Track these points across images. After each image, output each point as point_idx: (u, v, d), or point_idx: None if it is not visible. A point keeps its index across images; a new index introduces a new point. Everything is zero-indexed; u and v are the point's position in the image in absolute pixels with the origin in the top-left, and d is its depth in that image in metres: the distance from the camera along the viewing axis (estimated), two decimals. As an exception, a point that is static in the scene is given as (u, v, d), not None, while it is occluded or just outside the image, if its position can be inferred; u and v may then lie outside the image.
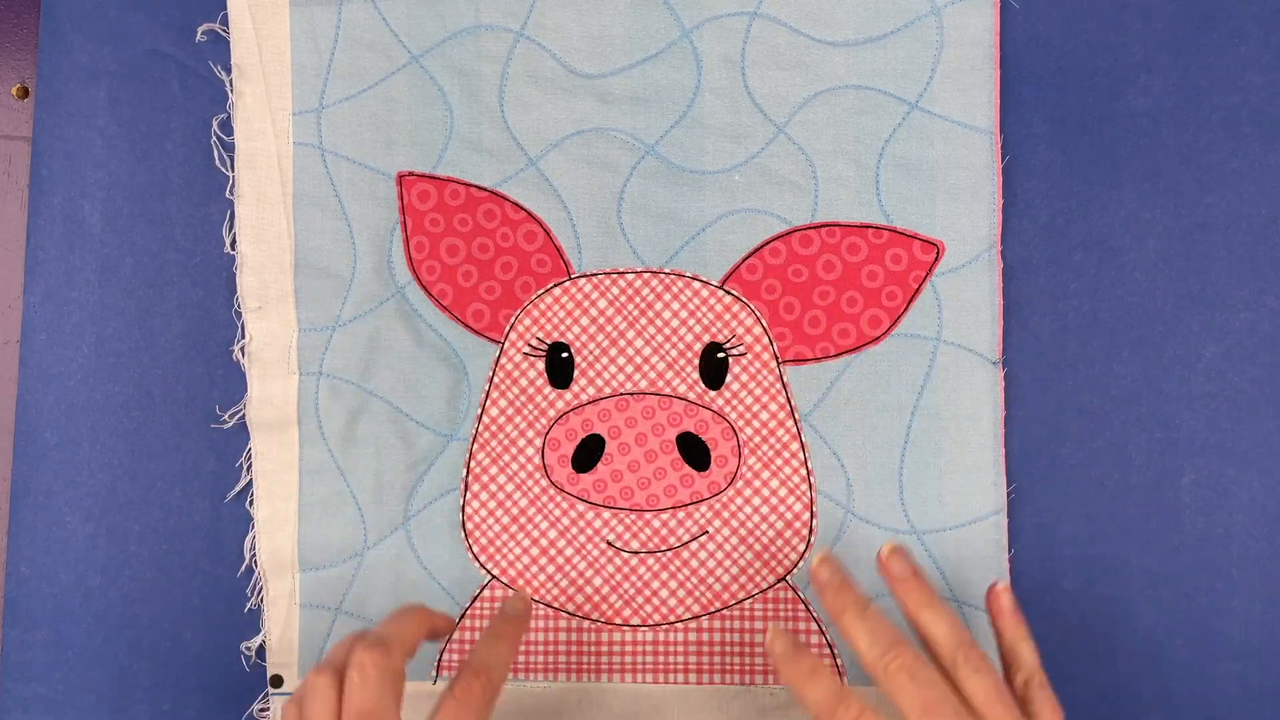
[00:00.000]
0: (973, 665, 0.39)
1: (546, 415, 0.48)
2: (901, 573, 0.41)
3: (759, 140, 0.48)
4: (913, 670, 0.38)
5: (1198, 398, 0.47)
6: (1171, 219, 0.48)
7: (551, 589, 0.48)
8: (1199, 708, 0.47)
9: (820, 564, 0.42)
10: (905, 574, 0.41)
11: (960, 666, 0.39)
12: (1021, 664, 0.41)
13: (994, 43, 0.47)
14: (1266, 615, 0.47)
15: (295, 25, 0.49)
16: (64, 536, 0.49)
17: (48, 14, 0.50)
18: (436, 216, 0.48)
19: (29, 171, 0.50)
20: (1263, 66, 0.48)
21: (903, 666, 0.38)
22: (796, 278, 0.47)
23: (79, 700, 0.49)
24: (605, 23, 0.48)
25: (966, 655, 0.39)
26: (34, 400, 0.49)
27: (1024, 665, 0.41)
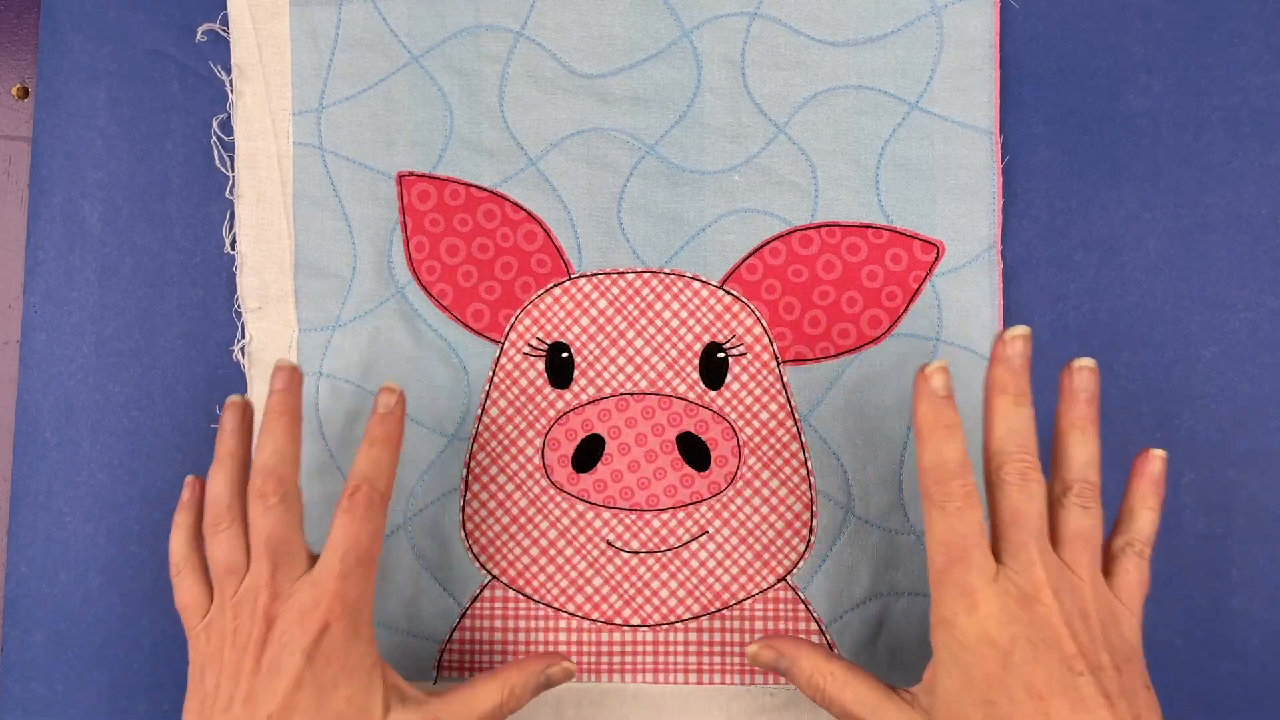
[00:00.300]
0: (1082, 501, 0.38)
1: (546, 415, 0.48)
2: (1083, 390, 0.39)
3: (759, 140, 0.48)
4: (1024, 478, 0.37)
5: (1198, 398, 0.47)
6: (1171, 219, 0.48)
7: (551, 589, 0.48)
8: (1199, 708, 0.47)
9: (1018, 338, 0.39)
10: (1085, 393, 0.39)
11: (1070, 497, 0.38)
12: (1133, 529, 0.40)
13: (994, 43, 0.47)
14: (1266, 615, 0.47)
15: (295, 25, 0.49)
16: (64, 536, 0.49)
17: (48, 14, 0.50)
18: (436, 216, 0.48)
19: (29, 171, 0.50)
20: (1263, 66, 0.48)
21: (1018, 471, 0.37)
22: (796, 278, 0.47)
23: (79, 700, 0.49)
24: (605, 23, 0.48)
25: (1082, 490, 0.38)
26: (34, 400, 0.49)
27: (1135, 530, 0.40)
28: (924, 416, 0.38)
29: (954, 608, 0.37)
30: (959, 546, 0.37)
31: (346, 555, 0.39)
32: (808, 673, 0.40)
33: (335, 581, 0.39)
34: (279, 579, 0.39)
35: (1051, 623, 0.36)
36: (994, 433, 0.38)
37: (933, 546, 0.38)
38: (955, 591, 0.37)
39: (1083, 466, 0.39)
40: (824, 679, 0.40)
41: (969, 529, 0.37)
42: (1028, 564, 0.37)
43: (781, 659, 0.41)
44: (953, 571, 0.37)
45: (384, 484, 0.41)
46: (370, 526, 0.40)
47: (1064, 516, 0.38)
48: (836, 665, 0.40)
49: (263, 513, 0.40)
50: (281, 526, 0.40)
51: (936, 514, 0.37)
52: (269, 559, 0.39)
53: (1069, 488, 0.38)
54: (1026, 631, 0.36)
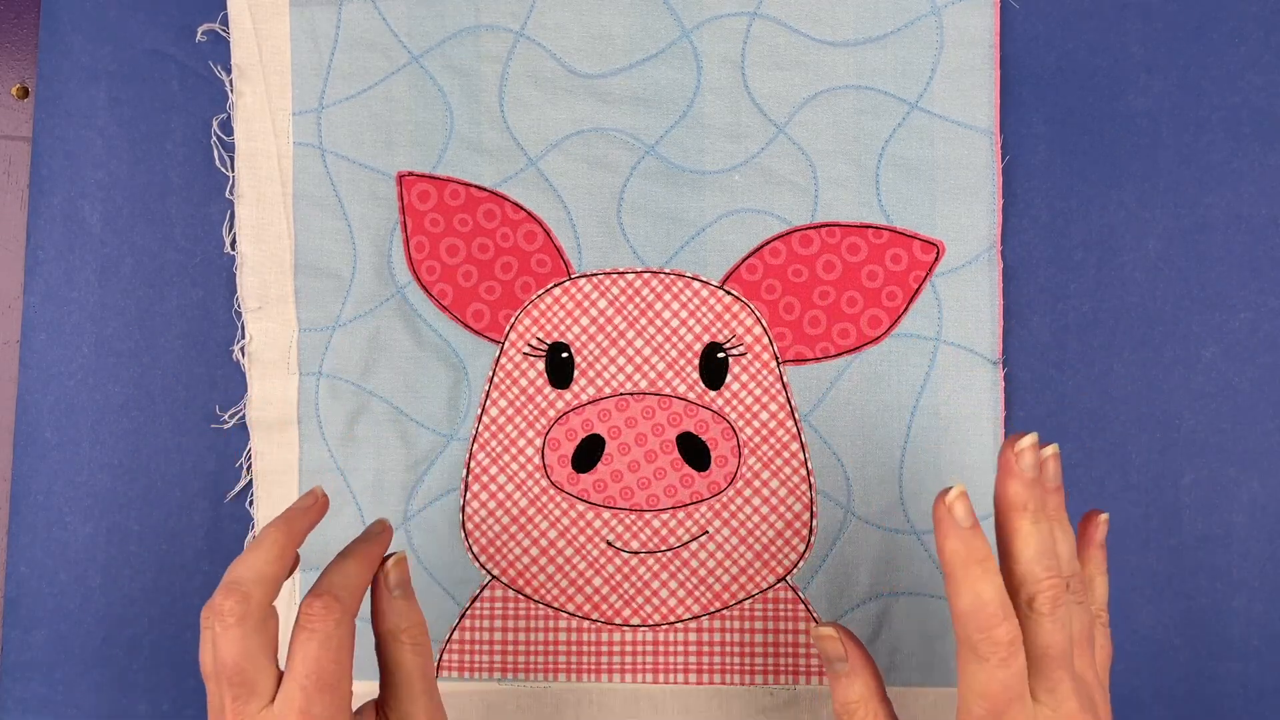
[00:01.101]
0: (1077, 596, 0.37)
1: (546, 415, 0.48)
2: (1053, 481, 0.37)
3: (759, 140, 0.48)
4: (1055, 605, 0.35)
5: (1198, 398, 0.47)
6: (1171, 219, 0.48)
7: (551, 589, 0.48)
8: (1199, 708, 0.47)
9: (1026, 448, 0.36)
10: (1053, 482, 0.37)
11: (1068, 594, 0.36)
12: (1093, 598, 0.40)
13: (994, 43, 0.47)
14: (1266, 615, 0.47)
15: (295, 25, 0.49)
16: (64, 536, 0.49)
17: (48, 14, 0.50)
18: (436, 216, 0.48)
19: (29, 171, 0.50)
20: (1263, 66, 0.48)
21: (1050, 599, 0.35)
22: (796, 278, 0.47)
23: (79, 700, 0.49)
24: (605, 23, 0.48)
25: (1074, 585, 0.36)
26: (34, 400, 0.49)
27: (1094, 600, 0.40)
28: (953, 554, 0.35)
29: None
30: (1003, 700, 0.34)
31: (306, 682, 0.35)
32: (855, 695, 0.38)
33: (296, 716, 0.35)
34: (239, 711, 0.36)
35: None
36: (1019, 557, 0.36)
37: (970, 697, 0.35)
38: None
39: (1069, 560, 0.37)
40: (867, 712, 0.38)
41: (1013, 680, 0.34)
42: (1064, 698, 0.35)
43: (843, 664, 0.38)
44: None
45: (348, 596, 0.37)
46: (331, 644, 0.36)
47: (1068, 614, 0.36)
48: (885, 709, 0.38)
49: (221, 632, 0.35)
50: (238, 653, 0.35)
51: (977, 665, 0.35)
52: (228, 690, 0.36)
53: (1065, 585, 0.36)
54: None
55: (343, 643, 0.36)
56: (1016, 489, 0.36)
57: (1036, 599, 0.35)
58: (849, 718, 0.38)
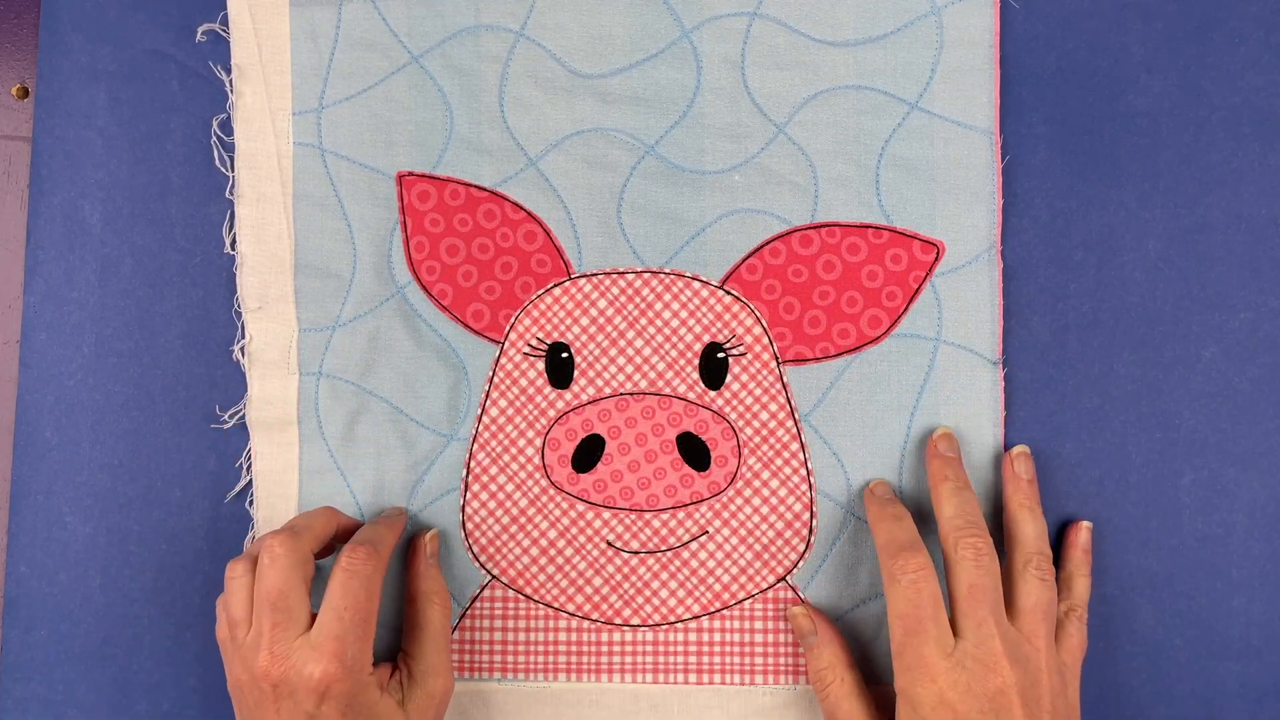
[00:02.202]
0: (1039, 575, 0.41)
1: (546, 415, 0.48)
2: (1023, 473, 0.45)
3: (759, 140, 0.48)
4: (978, 553, 0.41)
5: (1198, 398, 0.47)
6: (1171, 219, 0.48)
7: (551, 589, 0.48)
8: (1199, 708, 0.47)
9: (943, 437, 0.45)
10: (1025, 475, 0.45)
11: (1028, 571, 0.42)
12: (1071, 594, 0.44)
13: (994, 43, 0.47)
14: (1266, 615, 0.47)
15: (295, 25, 0.49)
16: (64, 536, 0.49)
17: (48, 14, 0.50)
18: (436, 216, 0.48)
19: (29, 171, 0.50)
20: (1263, 66, 0.48)
21: (973, 546, 0.41)
22: (796, 278, 0.47)
23: (79, 700, 0.49)
24: (605, 23, 0.48)
25: (1039, 564, 0.42)
26: (34, 400, 0.49)
27: (1073, 596, 0.44)
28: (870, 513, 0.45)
29: (912, 677, 0.40)
30: (915, 618, 0.40)
31: (345, 614, 0.40)
32: (824, 662, 0.43)
33: (333, 643, 0.40)
34: (276, 638, 0.40)
35: (1006, 693, 0.39)
36: (943, 513, 0.43)
37: (893, 620, 0.41)
38: (913, 663, 0.40)
39: (1036, 540, 0.43)
40: (834, 677, 0.43)
41: (924, 600, 0.40)
42: (987, 636, 0.39)
43: (812, 635, 0.44)
44: (911, 642, 0.40)
45: (384, 549, 0.43)
46: (368, 585, 0.41)
47: (1025, 588, 0.41)
48: (852, 674, 0.43)
49: (269, 564, 0.41)
50: (281, 582, 0.40)
51: (892, 588, 0.41)
52: (268, 615, 0.40)
53: (1029, 561, 0.42)
54: (980, 703, 0.39)
55: (375, 584, 0.42)
56: (934, 466, 0.44)
57: (959, 544, 0.41)
58: (821, 683, 0.43)
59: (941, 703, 0.39)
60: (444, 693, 0.44)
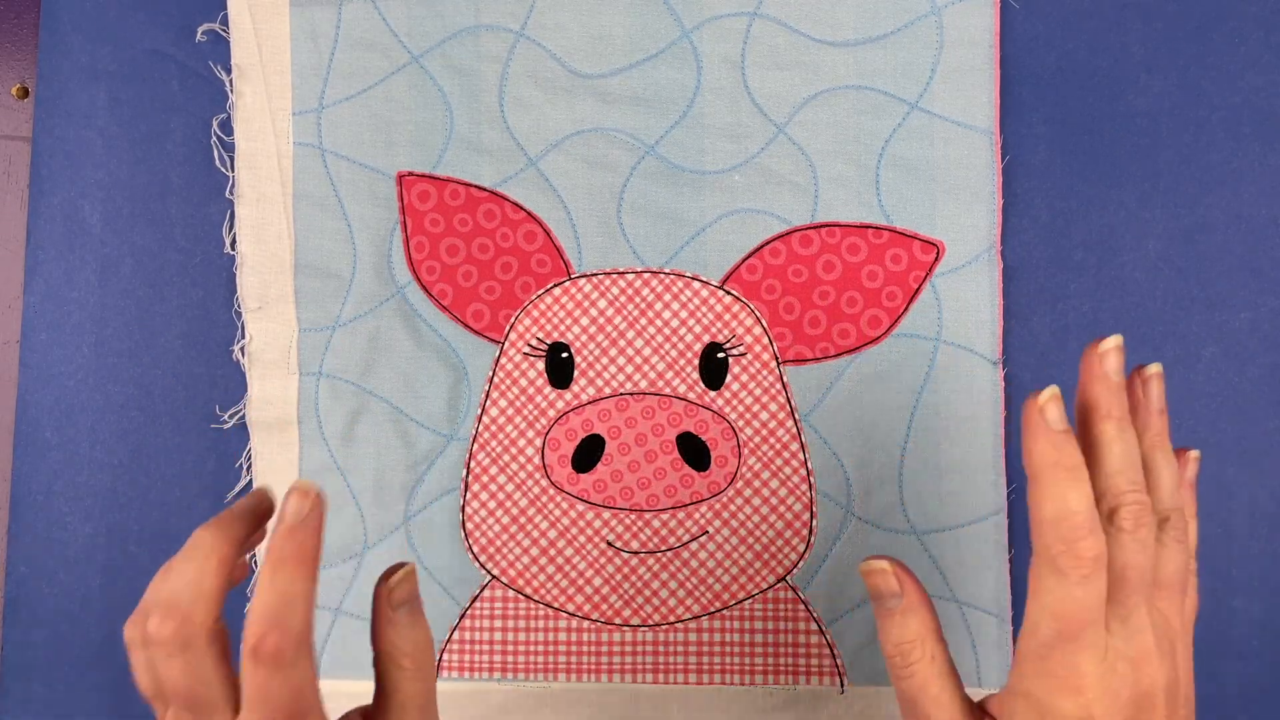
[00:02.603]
0: (1177, 534, 0.34)
1: (546, 415, 0.48)
2: (1155, 402, 0.35)
3: (759, 140, 0.48)
4: (1138, 523, 0.32)
5: (1198, 398, 0.47)
6: (1171, 219, 0.48)
7: (551, 589, 0.48)
8: (1199, 708, 0.47)
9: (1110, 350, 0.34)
10: (1156, 405, 0.35)
11: (1168, 535, 0.34)
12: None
13: (994, 43, 0.47)
14: (1266, 615, 0.47)
15: (295, 25, 0.49)
16: (64, 536, 0.49)
17: (48, 14, 0.50)
18: (436, 216, 0.48)
19: (29, 171, 0.50)
20: (1263, 66, 0.48)
21: (1133, 515, 0.32)
22: (796, 278, 0.47)
23: (79, 700, 0.49)
24: (605, 23, 0.48)
25: (1177, 523, 0.34)
26: (34, 400, 0.49)
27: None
28: (1041, 456, 0.32)
29: (1051, 686, 0.32)
30: (1077, 621, 0.32)
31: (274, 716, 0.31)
32: (911, 634, 0.34)
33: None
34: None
35: (1153, 695, 0.33)
36: (1102, 467, 0.33)
37: (1039, 613, 0.32)
38: (1059, 670, 0.32)
39: (1173, 492, 0.34)
40: (923, 653, 0.34)
41: (1091, 600, 0.32)
42: (1138, 629, 0.33)
43: (895, 599, 0.35)
44: (1063, 649, 0.32)
45: (298, 623, 0.31)
46: (291, 681, 0.30)
47: (1162, 555, 0.34)
48: (943, 650, 0.35)
49: (164, 660, 0.31)
50: (189, 680, 0.31)
51: (1055, 579, 0.32)
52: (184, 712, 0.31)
53: (1165, 519, 0.34)
54: (1127, 710, 0.32)
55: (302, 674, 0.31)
56: (1100, 392, 0.33)
57: (1119, 512, 0.32)
58: (903, 659, 0.34)
59: (1085, 715, 0.32)
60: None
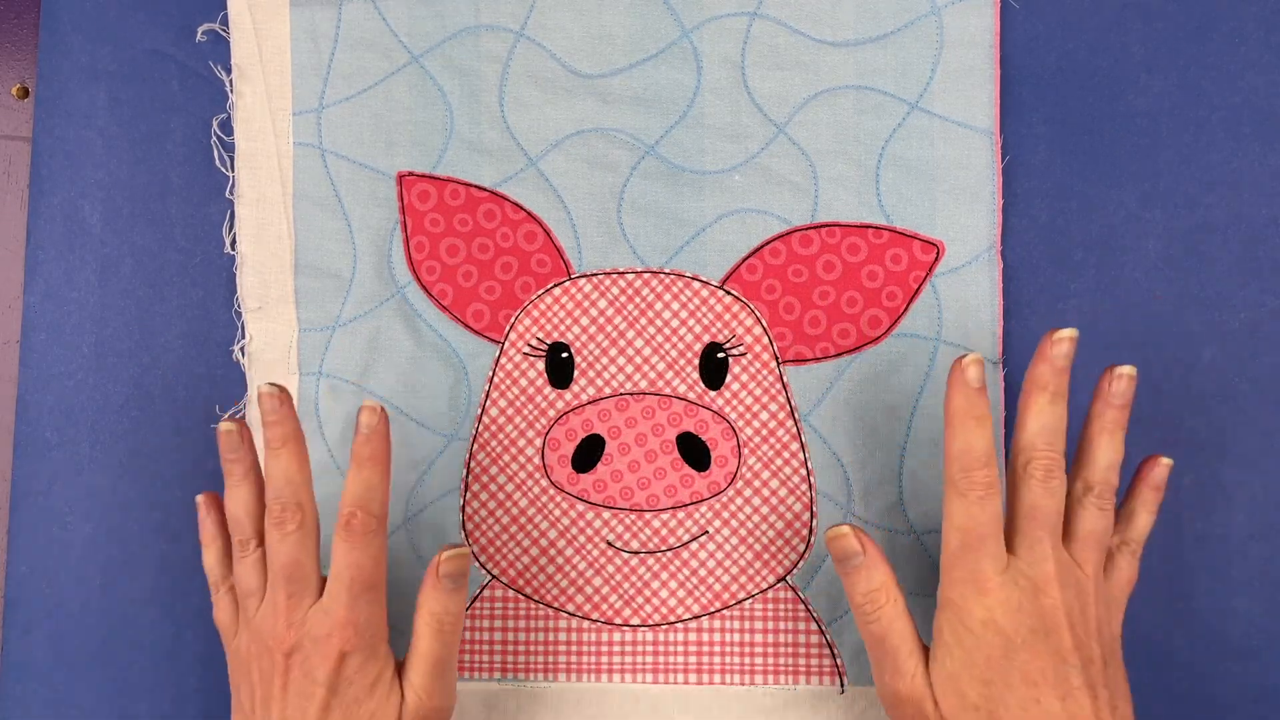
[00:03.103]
0: (1101, 502, 0.40)
1: (546, 415, 0.48)
2: (1118, 396, 0.41)
3: (759, 140, 0.48)
4: (1048, 474, 0.39)
5: (1198, 398, 0.47)
6: (1171, 219, 0.48)
7: (551, 589, 0.48)
8: (1199, 708, 0.47)
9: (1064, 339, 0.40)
10: (1120, 399, 0.41)
11: (1091, 497, 0.40)
12: (1131, 528, 0.42)
13: (994, 43, 0.47)
14: (1266, 615, 0.47)
15: (295, 25, 0.49)
16: (64, 536, 0.49)
17: (48, 14, 0.50)
18: (436, 216, 0.48)
19: (29, 171, 0.50)
20: (1263, 66, 0.48)
21: (1044, 468, 0.39)
22: (796, 278, 0.47)
23: (79, 700, 0.49)
24: (605, 23, 0.48)
25: (1102, 491, 0.40)
26: (34, 400, 0.49)
27: (1133, 531, 0.42)
28: (956, 406, 0.40)
29: (963, 591, 0.39)
30: (975, 534, 0.39)
31: (353, 583, 0.40)
32: (876, 583, 0.40)
33: (345, 610, 0.40)
34: (293, 606, 0.41)
35: (1055, 616, 0.38)
36: (1026, 427, 0.40)
37: (949, 531, 0.39)
38: (966, 576, 0.39)
39: (1106, 469, 0.40)
40: (887, 597, 0.40)
41: (987, 517, 0.39)
42: (1041, 557, 0.39)
43: (859, 556, 0.41)
44: (966, 557, 0.39)
45: (377, 506, 0.41)
46: (370, 551, 0.41)
47: (1081, 515, 0.40)
48: (901, 593, 0.41)
49: (280, 539, 0.41)
50: (298, 552, 0.41)
51: (957, 500, 0.39)
52: (284, 586, 0.41)
53: (1090, 488, 0.40)
54: (1030, 621, 0.38)
55: (377, 548, 0.41)
56: (1042, 370, 0.40)
57: (1031, 463, 0.39)
58: (873, 606, 0.40)
59: (989, 618, 0.38)
60: (434, 714, 0.42)
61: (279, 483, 0.41)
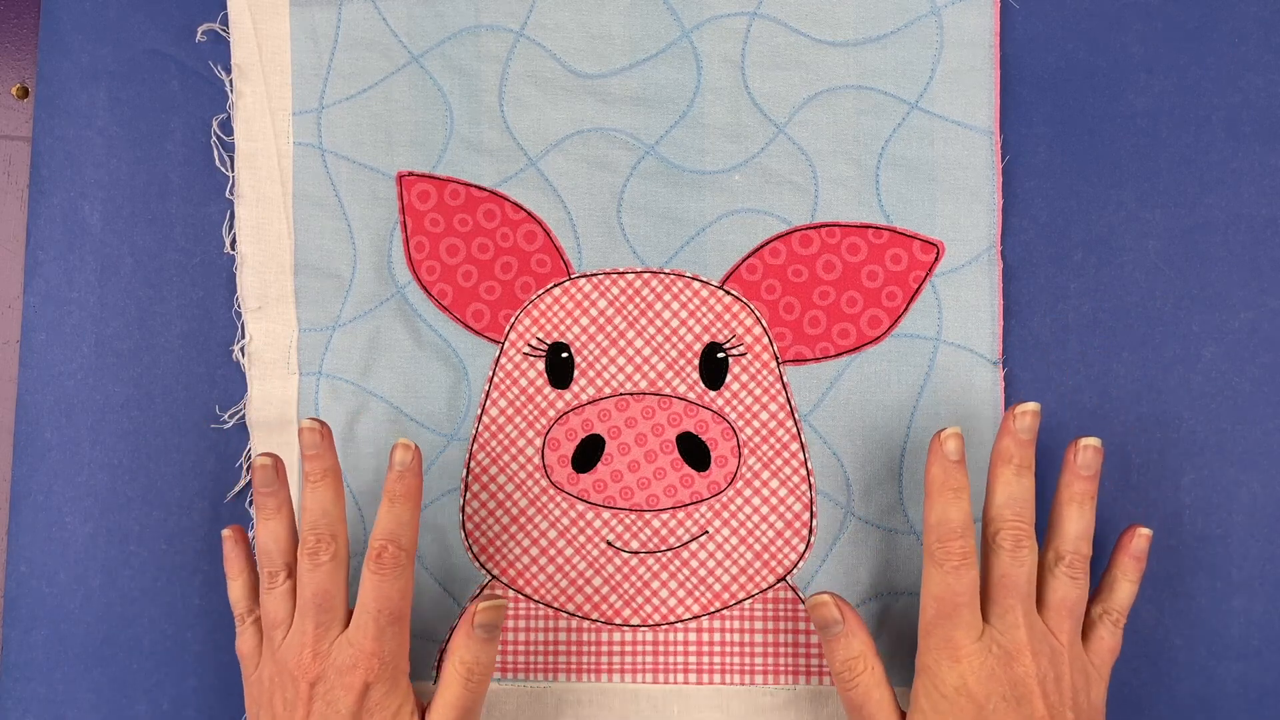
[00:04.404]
0: (1072, 572, 0.41)
1: (546, 415, 0.48)
2: (1085, 467, 0.42)
3: (759, 140, 0.48)
4: (1017, 544, 0.40)
5: (1198, 398, 0.47)
6: (1171, 219, 0.48)
7: (551, 589, 0.48)
8: (1199, 708, 0.47)
9: (1026, 413, 0.41)
10: (1087, 470, 0.42)
11: (1060, 567, 0.41)
12: (1112, 598, 0.43)
13: (994, 43, 0.47)
14: (1266, 615, 0.47)
15: (295, 25, 0.49)
16: (64, 536, 0.49)
17: (48, 14, 0.50)
18: (436, 216, 0.48)
19: (29, 171, 0.50)
20: (1263, 66, 0.48)
21: (1013, 538, 0.40)
22: (796, 278, 0.47)
23: (79, 700, 0.49)
24: (605, 23, 0.48)
25: (1073, 561, 0.41)
26: (34, 400, 0.49)
27: (1114, 601, 0.43)
28: (934, 477, 0.41)
29: (938, 657, 0.40)
30: (951, 602, 0.40)
31: (380, 615, 0.41)
32: (854, 651, 0.41)
33: (371, 642, 0.41)
34: (320, 636, 0.41)
35: (1027, 683, 0.39)
36: (994, 499, 0.41)
37: (926, 599, 0.41)
38: (941, 643, 0.40)
39: (1076, 539, 0.42)
40: (865, 666, 0.41)
41: (962, 587, 0.40)
42: (1013, 625, 0.40)
43: (838, 625, 0.42)
44: (942, 625, 0.40)
45: (408, 541, 0.42)
46: (399, 584, 0.41)
47: (1053, 584, 0.41)
48: (879, 663, 0.42)
49: (311, 569, 0.41)
50: (329, 583, 0.41)
51: (934, 569, 0.40)
52: (313, 616, 0.41)
53: (1061, 558, 0.41)
54: (1002, 689, 0.39)
55: (407, 582, 0.42)
56: (1007, 443, 0.42)
57: (999, 535, 0.41)
58: (850, 674, 0.41)
59: (962, 685, 0.39)
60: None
61: (315, 514, 0.42)
